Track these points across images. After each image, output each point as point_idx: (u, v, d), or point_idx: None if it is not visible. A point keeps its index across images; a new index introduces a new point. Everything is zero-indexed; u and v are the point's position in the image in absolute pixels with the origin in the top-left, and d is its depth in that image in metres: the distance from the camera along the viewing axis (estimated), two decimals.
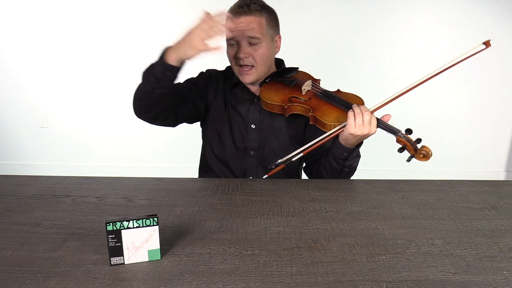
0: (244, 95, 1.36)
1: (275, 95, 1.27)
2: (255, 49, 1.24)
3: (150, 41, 3.11)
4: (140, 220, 0.77)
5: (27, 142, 3.38)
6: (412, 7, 3.04)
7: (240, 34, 1.21)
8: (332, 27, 3.09)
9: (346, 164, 1.23)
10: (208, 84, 1.37)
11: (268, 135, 1.35)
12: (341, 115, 1.19)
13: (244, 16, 1.21)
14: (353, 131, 1.12)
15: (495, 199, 1.12)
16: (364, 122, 1.12)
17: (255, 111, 1.35)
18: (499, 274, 0.76)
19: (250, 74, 1.27)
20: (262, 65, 1.27)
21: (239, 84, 1.35)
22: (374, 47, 3.12)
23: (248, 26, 1.21)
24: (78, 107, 3.29)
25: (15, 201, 1.07)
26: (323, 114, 1.19)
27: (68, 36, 3.13)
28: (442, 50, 3.08)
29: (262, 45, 1.24)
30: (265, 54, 1.26)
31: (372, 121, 1.13)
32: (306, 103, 1.24)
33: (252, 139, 1.36)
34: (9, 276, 0.74)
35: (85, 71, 3.20)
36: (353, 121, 1.12)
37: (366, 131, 1.12)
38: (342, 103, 1.21)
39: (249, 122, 1.35)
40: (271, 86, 1.31)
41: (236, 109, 1.36)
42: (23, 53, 3.18)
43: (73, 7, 3.07)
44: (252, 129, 1.35)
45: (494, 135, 3.30)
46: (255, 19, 1.22)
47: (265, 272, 0.76)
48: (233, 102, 1.36)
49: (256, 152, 1.36)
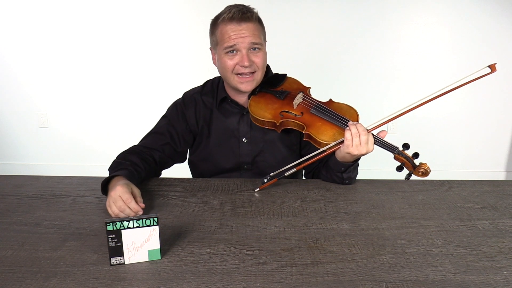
0: (232, 109, 1.32)
1: (265, 111, 1.22)
2: (257, 55, 1.22)
3: (150, 41, 3.12)
4: (140, 220, 0.77)
5: (27, 142, 3.38)
6: (412, 7, 3.04)
7: (242, 41, 1.19)
8: (328, 27, 3.08)
9: (345, 176, 1.21)
10: (185, 111, 1.33)
11: (262, 148, 1.31)
12: (337, 132, 1.14)
13: (246, 23, 1.19)
14: (350, 151, 1.10)
15: (495, 199, 1.12)
16: (361, 142, 1.09)
17: (245, 125, 1.31)
18: (499, 274, 0.76)
19: (251, 82, 1.24)
20: (262, 70, 1.26)
21: (227, 99, 1.31)
22: (373, 48, 3.11)
23: (251, 32, 1.20)
24: (78, 107, 3.29)
25: (15, 201, 1.07)
26: (318, 132, 1.14)
27: (68, 36, 3.13)
28: (441, 50, 3.08)
29: (262, 51, 1.24)
30: (265, 60, 1.27)
31: (370, 141, 1.10)
32: (299, 118, 1.19)
33: (245, 153, 1.32)
34: (9, 276, 0.74)
35: (85, 71, 3.20)
36: (350, 142, 1.09)
37: (364, 151, 1.10)
38: (336, 118, 1.16)
39: (240, 136, 1.31)
40: (260, 99, 1.26)
41: (225, 124, 1.32)
42: (23, 53, 3.18)
43: (73, 7, 3.07)
44: (244, 143, 1.31)
45: (494, 135, 3.30)
46: (256, 26, 1.21)
47: (265, 272, 0.76)
48: (221, 118, 1.32)
49: (250, 166, 1.33)
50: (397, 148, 1.12)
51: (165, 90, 3.17)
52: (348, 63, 3.14)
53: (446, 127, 3.27)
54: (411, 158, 1.11)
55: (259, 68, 1.24)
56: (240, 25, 1.18)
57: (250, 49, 1.21)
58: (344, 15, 3.05)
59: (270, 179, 1.16)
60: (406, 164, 1.11)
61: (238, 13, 1.19)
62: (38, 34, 3.13)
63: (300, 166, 1.16)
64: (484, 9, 3.01)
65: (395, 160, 1.13)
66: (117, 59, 3.17)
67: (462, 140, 3.30)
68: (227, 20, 1.19)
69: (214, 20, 1.24)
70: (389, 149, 1.13)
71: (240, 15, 1.18)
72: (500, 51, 3.05)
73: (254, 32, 1.20)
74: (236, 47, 1.20)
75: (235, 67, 1.22)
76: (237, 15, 1.18)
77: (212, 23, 1.25)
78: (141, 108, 3.26)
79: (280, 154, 1.31)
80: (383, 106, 3.08)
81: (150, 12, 3.07)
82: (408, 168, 1.12)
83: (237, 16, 1.18)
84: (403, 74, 3.10)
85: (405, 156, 1.11)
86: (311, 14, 3.02)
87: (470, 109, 3.24)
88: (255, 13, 1.23)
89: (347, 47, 3.11)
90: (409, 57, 3.11)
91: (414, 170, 1.11)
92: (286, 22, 2.97)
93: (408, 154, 1.12)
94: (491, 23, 3.02)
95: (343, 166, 1.18)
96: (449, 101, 3.22)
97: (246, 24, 1.19)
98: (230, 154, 1.32)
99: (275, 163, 1.29)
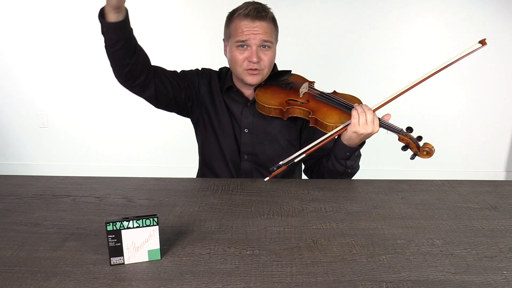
0: (237, 98, 1.36)
1: (271, 98, 1.27)
2: (266, 54, 1.26)
3: (150, 41, 3.11)
4: (140, 220, 0.77)
5: (27, 142, 3.38)
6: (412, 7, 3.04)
7: (254, 38, 1.23)
8: (329, 27, 3.09)
9: (348, 164, 1.23)
10: (200, 79, 1.37)
11: (262, 140, 1.34)
12: (342, 116, 1.19)
13: (260, 21, 1.23)
14: (357, 130, 1.14)
15: (495, 199, 1.12)
16: (367, 121, 1.13)
17: (249, 115, 1.34)
18: (499, 274, 0.76)
19: (257, 75, 1.27)
20: (269, 69, 1.30)
21: (232, 88, 1.35)
22: (373, 47, 3.11)
23: (264, 30, 1.23)
24: (78, 107, 3.29)
25: (15, 201, 1.07)
26: (324, 116, 1.19)
27: (68, 36, 3.13)
28: (441, 50, 3.08)
29: (271, 50, 1.27)
30: (273, 59, 1.30)
31: (375, 120, 1.15)
32: (305, 105, 1.23)
33: (246, 143, 1.35)
34: (9, 276, 0.74)
35: (85, 71, 3.20)
36: (357, 120, 1.13)
37: (370, 129, 1.14)
38: (341, 103, 1.21)
39: (242, 126, 1.34)
40: (266, 89, 1.31)
41: (229, 112, 1.35)
42: (23, 53, 3.18)
43: (73, 7, 3.07)
44: (245, 133, 1.34)
45: (494, 135, 3.30)
46: (269, 25, 1.25)
47: (265, 272, 0.76)
48: (226, 105, 1.36)
49: (250, 156, 1.35)
50: (402, 130, 1.17)
51: None
52: (351, 61, 3.14)
53: (446, 127, 3.27)
54: (415, 139, 1.17)
55: (266, 66, 1.28)
56: (254, 23, 1.23)
57: (260, 46, 1.25)
58: (347, 14, 3.06)
59: (280, 167, 1.21)
60: (410, 144, 1.17)
61: (254, 11, 1.23)
62: (38, 35, 3.13)
63: (309, 151, 1.20)
64: (484, 9, 3.01)
65: (399, 141, 1.19)
66: None
67: (462, 140, 3.31)
68: (242, 16, 1.23)
69: (230, 14, 1.29)
70: (393, 131, 1.18)
71: (255, 13, 1.22)
72: (500, 51, 3.05)
73: (266, 30, 1.24)
74: (247, 43, 1.24)
75: (244, 62, 1.25)
76: (252, 12, 1.23)
77: (228, 16, 1.30)
78: (141, 108, 3.26)
79: (280, 147, 1.35)
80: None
81: (150, 11, 3.07)
82: (412, 149, 1.18)
83: (253, 13, 1.22)
84: (405, 72, 3.11)
85: (410, 136, 1.17)
86: (314, 13, 3.03)
87: (470, 109, 3.24)
88: (270, 13, 1.27)
89: (350, 46, 3.12)
90: (411, 56, 3.12)
91: (419, 150, 1.16)
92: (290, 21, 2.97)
93: (412, 135, 1.18)
94: (491, 23, 3.02)
95: (348, 151, 1.21)
96: (449, 101, 3.23)
97: (260, 22, 1.23)
98: (232, 141, 1.35)
99: (275, 156, 1.31)
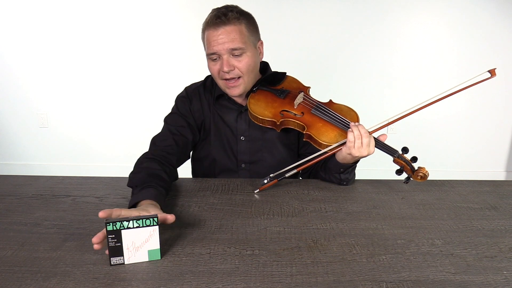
0: (230, 105, 1.30)
1: (265, 109, 1.20)
2: (239, 60, 1.17)
3: (150, 41, 3.12)
4: (140, 220, 0.77)
5: (27, 142, 3.38)
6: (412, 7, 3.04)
7: (221, 48, 1.14)
8: (328, 27, 3.08)
9: (343, 177, 1.20)
10: (189, 105, 1.30)
11: (260, 147, 1.30)
12: (338, 134, 1.14)
13: (223, 27, 1.13)
14: (352, 152, 1.09)
15: (495, 199, 1.12)
16: (363, 144, 1.09)
17: (244, 123, 1.29)
18: (499, 274, 0.76)
19: (237, 86, 1.21)
20: (248, 75, 1.21)
21: (224, 96, 1.29)
22: (372, 48, 3.11)
23: (229, 37, 1.13)
24: (78, 107, 3.29)
25: (15, 201, 1.07)
26: (319, 133, 1.14)
27: (68, 36, 3.13)
28: (441, 50, 3.08)
29: (246, 55, 1.17)
30: (251, 64, 1.19)
31: (371, 143, 1.10)
32: (300, 118, 1.17)
33: (243, 151, 1.30)
34: (9, 276, 0.74)
35: (85, 71, 3.20)
36: (352, 144, 1.08)
37: (365, 153, 1.09)
38: (337, 120, 1.16)
39: (238, 134, 1.30)
40: (259, 97, 1.24)
41: (223, 120, 1.30)
42: (23, 53, 3.18)
43: (73, 7, 3.07)
44: (242, 141, 1.30)
45: (494, 135, 3.30)
46: (235, 28, 1.14)
47: (265, 272, 0.76)
48: (219, 113, 1.30)
49: (248, 165, 1.32)
50: (397, 152, 1.13)
51: (165, 90, 3.17)
52: (348, 63, 3.14)
53: (446, 127, 3.27)
54: (410, 162, 1.12)
55: (244, 73, 1.19)
56: (217, 30, 1.14)
57: (230, 55, 1.16)
58: (343, 15, 3.05)
59: (270, 180, 1.15)
60: (405, 167, 1.12)
61: (214, 18, 1.14)
62: (38, 35, 3.13)
63: (300, 167, 1.16)
64: (484, 9, 3.01)
65: (394, 163, 1.15)
66: (117, 59, 3.17)
67: (462, 140, 3.31)
68: (206, 26, 1.17)
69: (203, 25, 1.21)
70: (389, 153, 1.13)
71: (215, 20, 1.14)
72: (500, 51, 3.05)
73: (233, 36, 1.14)
74: (217, 54, 1.16)
75: (220, 73, 1.19)
76: (213, 20, 1.14)
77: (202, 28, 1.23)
78: (141, 108, 3.27)
79: (279, 154, 1.31)
80: (383, 106, 3.08)
81: (150, 12, 3.07)
82: (407, 172, 1.13)
83: (213, 21, 1.14)
84: (403, 74, 3.11)
85: (404, 159, 1.12)
86: (310, 13, 3.03)
87: (470, 110, 3.24)
88: (234, 14, 1.15)
89: (346, 47, 3.11)
90: (409, 58, 3.11)
91: (413, 174, 1.12)
92: (286, 21, 2.97)
93: (407, 157, 1.13)
94: (491, 23, 3.03)
95: (342, 167, 1.17)
96: (449, 102, 3.21)
97: (223, 29, 1.13)
98: (228, 152, 1.31)
99: (273, 162, 1.28)
